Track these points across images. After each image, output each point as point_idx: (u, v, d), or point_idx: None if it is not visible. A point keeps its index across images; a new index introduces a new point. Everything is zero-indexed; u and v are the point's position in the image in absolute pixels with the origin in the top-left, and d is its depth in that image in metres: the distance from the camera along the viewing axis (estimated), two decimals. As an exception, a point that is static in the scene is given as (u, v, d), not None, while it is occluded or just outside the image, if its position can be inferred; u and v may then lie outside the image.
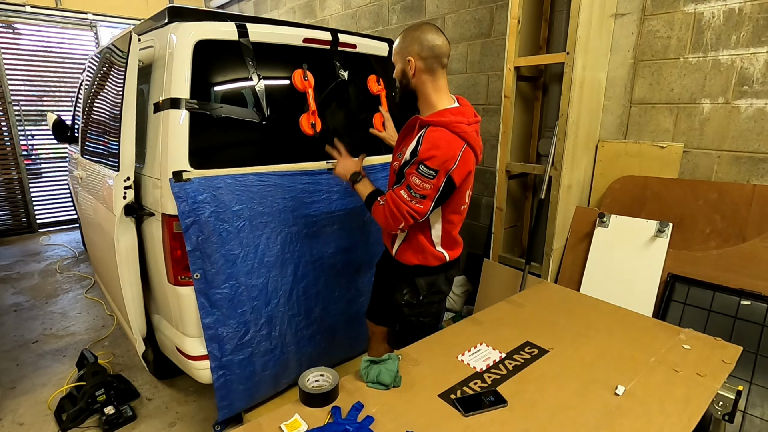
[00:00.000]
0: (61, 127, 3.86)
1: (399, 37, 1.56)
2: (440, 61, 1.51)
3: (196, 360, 1.92)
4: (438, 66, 1.51)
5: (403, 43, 1.53)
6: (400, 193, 1.48)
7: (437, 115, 1.50)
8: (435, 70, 1.52)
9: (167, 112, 1.81)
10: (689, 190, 2.27)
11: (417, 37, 1.50)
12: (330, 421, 1.14)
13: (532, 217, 2.96)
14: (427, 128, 1.48)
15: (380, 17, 4.10)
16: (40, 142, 5.37)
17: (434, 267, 1.67)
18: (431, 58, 1.50)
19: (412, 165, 1.46)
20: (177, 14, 1.88)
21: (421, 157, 1.43)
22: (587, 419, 1.15)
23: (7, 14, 4.92)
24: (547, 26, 2.70)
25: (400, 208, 1.47)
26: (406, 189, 1.47)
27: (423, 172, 1.43)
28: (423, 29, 1.51)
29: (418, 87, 1.56)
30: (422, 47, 1.49)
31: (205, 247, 1.79)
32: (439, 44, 1.49)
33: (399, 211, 1.47)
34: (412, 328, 1.72)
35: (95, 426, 2.17)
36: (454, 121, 1.47)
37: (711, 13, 2.17)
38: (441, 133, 1.45)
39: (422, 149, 1.43)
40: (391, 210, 1.49)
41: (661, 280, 2.23)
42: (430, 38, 1.49)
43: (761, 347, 1.91)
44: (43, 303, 3.55)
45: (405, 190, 1.47)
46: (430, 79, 1.53)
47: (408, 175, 1.47)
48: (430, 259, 1.65)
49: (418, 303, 1.69)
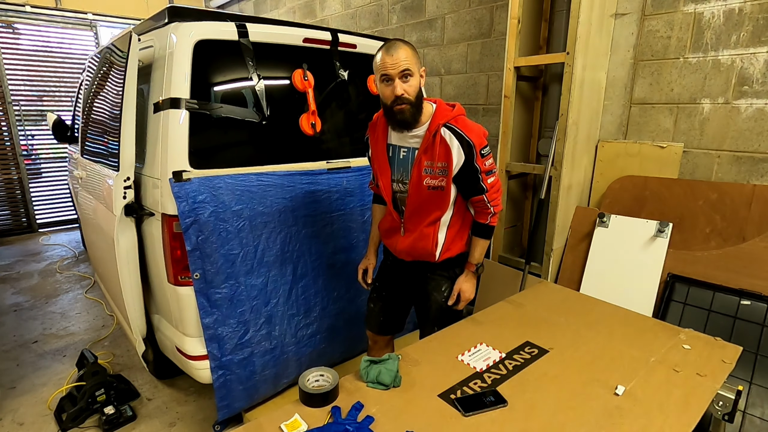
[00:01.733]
0: (61, 127, 3.86)
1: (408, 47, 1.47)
2: None
3: (196, 360, 1.92)
4: None
5: (416, 55, 1.49)
6: (490, 182, 1.58)
7: (445, 112, 1.55)
8: None
9: (167, 112, 1.81)
10: (689, 190, 2.27)
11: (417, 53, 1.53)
12: (330, 421, 1.14)
13: (532, 217, 2.96)
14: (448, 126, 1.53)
15: (380, 17, 4.10)
16: (40, 142, 5.37)
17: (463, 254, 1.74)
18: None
19: (476, 159, 1.53)
20: (177, 14, 1.88)
21: (477, 146, 1.52)
22: (587, 419, 1.15)
23: (7, 14, 4.92)
24: (547, 26, 2.70)
25: (499, 188, 1.63)
26: (489, 175, 1.57)
27: (485, 153, 1.54)
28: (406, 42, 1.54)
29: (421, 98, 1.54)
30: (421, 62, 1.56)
31: (204, 246, 1.79)
32: None
33: (500, 191, 1.64)
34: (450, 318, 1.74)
35: (95, 426, 2.17)
36: (458, 109, 1.57)
37: (711, 13, 2.17)
38: (464, 120, 1.56)
39: (472, 138, 1.51)
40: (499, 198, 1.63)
41: (661, 280, 2.23)
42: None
43: (761, 347, 1.91)
44: (43, 303, 3.55)
45: (489, 176, 1.57)
46: None
47: (481, 165, 1.55)
48: (468, 242, 1.74)
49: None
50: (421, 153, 1.55)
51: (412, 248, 1.69)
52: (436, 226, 1.65)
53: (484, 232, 1.68)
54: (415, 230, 1.66)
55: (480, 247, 1.70)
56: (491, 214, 1.64)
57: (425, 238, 1.65)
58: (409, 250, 1.71)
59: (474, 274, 1.71)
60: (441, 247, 1.67)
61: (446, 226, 1.66)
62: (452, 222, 1.66)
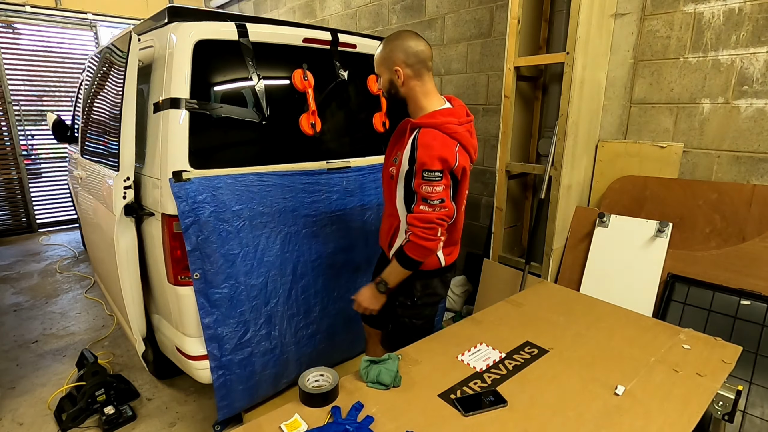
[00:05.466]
0: (61, 127, 3.86)
1: (380, 48, 1.54)
2: (426, 64, 1.53)
3: (196, 360, 1.92)
4: (425, 70, 1.53)
5: (386, 53, 1.52)
6: (420, 209, 1.45)
7: (428, 117, 1.50)
8: (422, 75, 1.53)
9: (167, 112, 1.81)
10: (689, 190, 2.27)
11: (399, 45, 1.50)
12: (330, 421, 1.14)
13: (532, 217, 2.96)
14: (419, 131, 1.48)
15: (380, 17, 4.10)
16: (40, 142, 5.37)
17: (430, 271, 1.65)
18: (417, 63, 1.51)
19: (416, 178, 1.45)
20: (177, 14, 1.88)
21: (420, 165, 1.42)
22: (587, 419, 1.15)
23: (7, 14, 4.92)
24: (547, 26, 2.70)
25: (429, 221, 1.43)
26: (423, 202, 1.44)
27: (429, 177, 1.41)
28: (403, 36, 1.52)
29: (408, 94, 1.56)
30: (407, 54, 1.49)
31: (204, 246, 1.79)
32: (423, 48, 1.51)
33: (430, 224, 1.43)
34: (404, 330, 1.71)
35: (95, 426, 2.17)
36: (445, 122, 1.46)
37: (711, 13, 2.17)
38: (433, 135, 1.44)
39: (419, 154, 1.43)
40: (423, 229, 1.44)
41: (661, 280, 2.23)
42: (413, 44, 1.50)
43: (761, 347, 1.91)
44: (42, 303, 3.55)
45: (422, 204, 1.44)
46: (419, 84, 1.53)
47: (418, 188, 1.44)
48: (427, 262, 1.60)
49: (412, 304, 1.68)
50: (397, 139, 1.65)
51: (379, 237, 1.78)
52: (394, 222, 1.63)
53: (398, 254, 1.54)
54: (384, 221, 1.72)
55: (390, 267, 1.57)
56: (406, 240, 1.49)
57: (384, 231, 1.71)
58: (379, 237, 1.79)
59: (375, 287, 1.60)
60: (394, 248, 1.65)
61: (403, 229, 1.60)
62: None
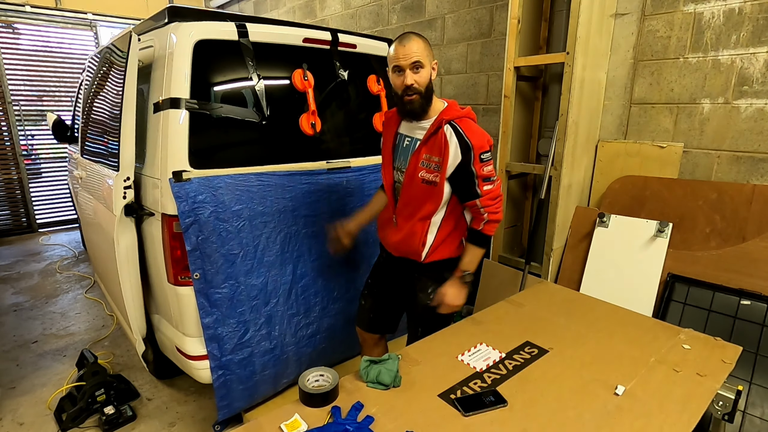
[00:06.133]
0: (61, 127, 3.86)
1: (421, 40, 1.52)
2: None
3: (196, 360, 1.92)
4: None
5: (428, 48, 1.55)
6: (485, 189, 1.55)
7: (454, 111, 1.56)
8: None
9: (167, 112, 1.81)
10: (689, 190, 2.27)
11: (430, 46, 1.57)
12: (330, 421, 1.14)
13: (532, 217, 2.96)
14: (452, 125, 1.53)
15: (380, 17, 4.10)
16: (40, 142, 5.37)
17: (455, 258, 1.70)
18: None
19: (474, 162, 1.52)
20: (177, 14, 1.88)
21: (478, 149, 1.51)
22: (587, 419, 1.15)
23: (7, 14, 4.92)
24: (547, 26, 2.70)
25: (497, 196, 1.57)
26: (486, 182, 1.54)
27: (485, 158, 1.52)
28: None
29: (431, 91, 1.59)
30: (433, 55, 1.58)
31: (204, 246, 1.79)
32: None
33: (498, 199, 1.58)
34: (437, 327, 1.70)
35: (95, 426, 2.17)
36: (466, 113, 1.57)
37: (711, 13, 2.17)
38: (468, 123, 1.55)
39: (474, 141, 1.51)
40: (496, 206, 1.57)
41: (661, 280, 2.23)
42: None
43: (761, 347, 1.91)
44: (43, 303, 3.55)
45: (486, 183, 1.55)
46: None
47: (479, 171, 1.53)
48: (461, 248, 1.70)
49: None
50: (422, 144, 1.58)
51: (400, 243, 1.72)
52: (426, 224, 1.64)
53: (476, 238, 1.63)
54: (406, 225, 1.68)
55: (470, 254, 1.64)
56: (485, 221, 1.59)
57: (413, 235, 1.66)
58: (398, 245, 1.74)
59: (460, 281, 1.63)
60: (428, 248, 1.66)
61: (437, 227, 1.65)
62: (443, 224, 1.65)
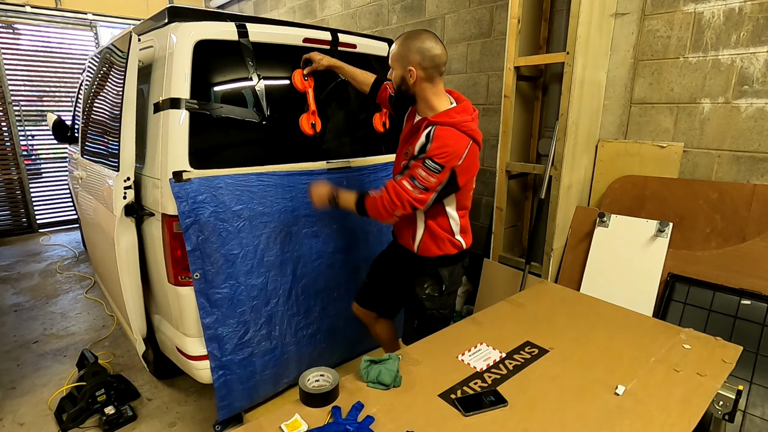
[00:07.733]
0: (61, 127, 3.85)
1: (398, 43, 1.58)
2: (439, 69, 1.57)
3: (196, 360, 1.92)
4: (437, 74, 1.58)
5: (404, 51, 1.55)
6: (403, 183, 1.54)
7: (444, 116, 1.55)
8: (434, 78, 1.58)
9: (167, 112, 1.81)
10: (689, 189, 2.27)
11: (418, 48, 1.53)
12: (330, 421, 1.14)
13: (532, 217, 2.96)
14: (436, 127, 1.53)
15: (380, 17, 4.10)
16: (40, 142, 5.37)
17: (454, 255, 1.73)
18: (432, 68, 1.55)
19: (419, 159, 1.52)
20: (177, 14, 1.88)
21: (430, 153, 1.49)
22: (587, 419, 1.15)
23: (7, 14, 4.92)
24: (547, 26, 2.69)
25: (401, 196, 1.53)
26: (410, 180, 1.53)
27: (430, 166, 1.49)
28: (423, 38, 1.54)
29: (417, 93, 1.61)
30: (423, 57, 1.53)
31: (205, 247, 1.79)
32: (439, 53, 1.54)
33: (399, 199, 1.54)
34: (432, 322, 1.75)
35: (95, 426, 2.17)
36: (462, 121, 1.54)
37: (711, 12, 2.17)
38: (449, 132, 1.51)
39: (432, 147, 1.50)
40: (391, 199, 1.55)
41: (661, 279, 2.23)
42: (430, 48, 1.53)
43: (761, 347, 1.91)
44: (43, 303, 3.55)
45: (408, 180, 1.53)
46: (430, 86, 1.59)
47: (413, 167, 1.52)
48: (451, 247, 1.71)
49: (439, 295, 1.75)
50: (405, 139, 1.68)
51: (399, 232, 1.83)
52: (413, 216, 1.69)
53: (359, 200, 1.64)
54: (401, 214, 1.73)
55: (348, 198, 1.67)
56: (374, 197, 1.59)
57: (405, 226, 1.74)
58: (398, 233, 1.84)
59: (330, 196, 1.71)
60: (417, 242, 1.72)
61: (423, 221, 1.69)
62: (428, 222, 1.69)
